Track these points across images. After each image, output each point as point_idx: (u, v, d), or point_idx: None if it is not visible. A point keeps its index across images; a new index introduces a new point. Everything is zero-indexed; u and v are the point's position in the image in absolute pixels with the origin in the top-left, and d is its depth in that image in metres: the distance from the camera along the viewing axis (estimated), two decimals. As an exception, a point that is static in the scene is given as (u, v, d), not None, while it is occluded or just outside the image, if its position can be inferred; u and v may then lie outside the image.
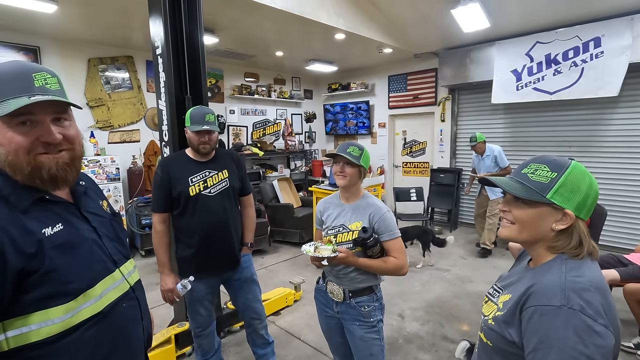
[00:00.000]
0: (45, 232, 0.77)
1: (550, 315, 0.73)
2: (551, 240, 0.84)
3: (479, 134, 4.52)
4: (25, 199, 0.77)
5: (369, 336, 1.55)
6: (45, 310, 0.75)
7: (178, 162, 1.93)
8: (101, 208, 0.98)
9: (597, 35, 4.09)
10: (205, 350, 2.13)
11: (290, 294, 3.35)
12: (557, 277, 0.78)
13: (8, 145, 0.75)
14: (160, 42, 2.44)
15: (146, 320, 1.00)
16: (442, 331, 2.86)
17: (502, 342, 0.84)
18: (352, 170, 1.55)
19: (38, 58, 4.30)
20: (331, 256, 1.42)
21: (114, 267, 0.91)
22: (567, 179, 0.81)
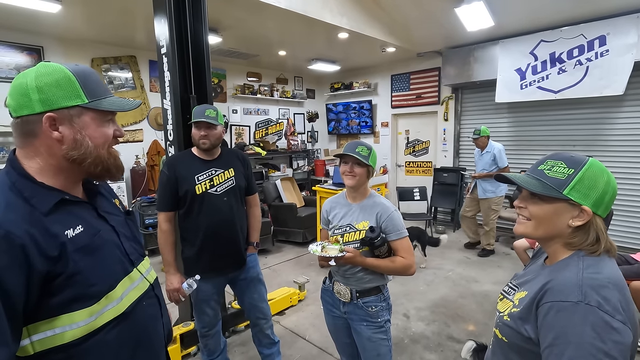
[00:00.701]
0: (67, 234, 0.77)
1: (567, 312, 0.73)
2: (568, 236, 0.83)
3: (484, 127, 4.45)
4: (46, 201, 0.76)
5: (376, 336, 1.54)
6: (69, 314, 0.75)
7: (184, 160, 1.92)
8: (116, 207, 0.98)
9: (602, 33, 4.06)
10: (211, 350, 2.13)
11: (294, 294, 3.35)
12: (575, 274, 0.78)
13: (99, 139, 0.82)
14: (165, 41, 2.43)
15: (165, 317, 1.01)
16: (447, 331, 2.85)
17: (517, 339, 0.84)
18: (361, 170, 1.54)
19: (42, 58, 4.30)
20: (338, 256, 1.42)
21: (132, 267, 0.91)
22: (584, 175, 0.80)
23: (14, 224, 0.69)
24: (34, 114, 0.75)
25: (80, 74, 0.79)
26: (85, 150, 0.80)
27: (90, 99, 0.79)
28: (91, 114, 0.80)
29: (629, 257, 2.84)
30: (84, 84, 0.79)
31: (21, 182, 0.76)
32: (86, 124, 0.80)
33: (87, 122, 0.80)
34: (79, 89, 0.78)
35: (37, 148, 0.78)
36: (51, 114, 0.75)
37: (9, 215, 0.70)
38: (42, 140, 0.77)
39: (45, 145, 0.78)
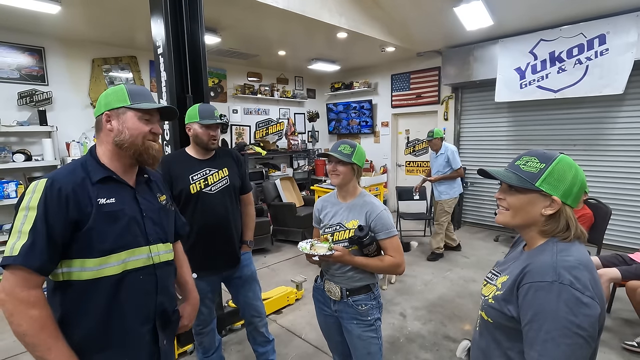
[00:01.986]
0: (99, 201, 1.04)
1: (544, 290, 0.82)
2: (542, 224, 0.93)
3: (437, 129, 4.43)
4: (98, 175, 1.07)
5: (366, 335, 1.54)
6: (82, 259, 1.02)
7: (178, 160, 1.94)
8: (156, 199, 1.23)
9: (602, 32, 4.04)
10: (206, 348, 2.14)
11: (291, 293, 3.36)
12: (550, 257, 0.87)
13: (134, 131, 1.11)
14: (162, 41, 2.45)
15: (162, 297, 1.18)
16: (444, 330, 2.85)
17: (501, 318, 0.93)
18: (344, 169, 1.55)
19: (43, 58, 4.34)
20: (327, 254, 1.42)
21: (145, 243, 1.13)
22: (554, 169, 0.90)
23: (67, 182, 1.01)
24: (101, 114, 1.12)
25: (130, 88, 1.14)
26: (124, 138, 1.10)
27: (132, 102, 1.11)
28: (131, 112, 1.12)
29: (626, 257, 2.83)
30: (130, 93, 1.12)
31: (89, 161, 1.11)
32: (127, 119, 1.11)
33: (128, 118, 1.11)
34: (126, 96, 1.12)
35: (101, 138, 1.13)
36: (107, 112, 1.11)
37: (67, 178, 1.03)
38: (104, 131, 1.12)
39: (104, 135, 1.12)
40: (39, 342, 0.92)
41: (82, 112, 4.68)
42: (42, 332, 0.93)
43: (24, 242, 0.93)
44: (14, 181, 4.00)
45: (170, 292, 1.24)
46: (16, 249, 0.92)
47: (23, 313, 0.91)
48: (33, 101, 4.24)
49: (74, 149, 4.30)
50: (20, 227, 0.95)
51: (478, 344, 1.05)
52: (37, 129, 4.15)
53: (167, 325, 1.20)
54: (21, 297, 0.92)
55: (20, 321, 0.91)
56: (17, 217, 0.97)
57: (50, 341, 0.94)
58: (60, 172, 1.05)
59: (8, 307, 0.92)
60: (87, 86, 4.73)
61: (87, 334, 1.04)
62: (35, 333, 0.92)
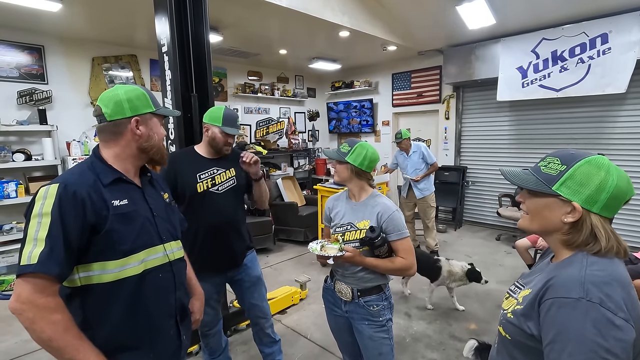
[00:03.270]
0: (114, 202, 1.04)
1: (569, 308, 0.73)
2: (564, 233, 0.84)
3: (404, 130, 4.43)
4: (108, 177, 1.07)
5: (378, 335, 1.53)
6: (102, 262, 1.01)
7: (186, 157, 1.92)
8: (160, 196, 1.25)
9: (604, 31, 4.05)
10: (213, 349, 2.12)
11: (296, 293, 3.34)
12: (577, 271, 0.77)
13: (160, 135, 1.18)
14: (166, 40, 2.43)
15: (181, 293, 1.21)
16: (449, 330, 2.85)
17: (520, 336, 0.84)
18: (340, 167, 1.59)
19: (42, 57, 4.30)
20: (337, 255, 1.41)
21: (159, 242, 1.14)
22: (575, 172, 0.80)
23: (81, 186, 1.00)
24: (125, 118, 1.10)
25: (149, 92, 1.17)
26: (153, 142, 1.16)
27: (156, 108, 1.16)
28: (156, 118, 1.17)
29: (631, 256, 2.83)
30: (152, 98, 1.16)
31: (96, 163, 1.09)
32: (154, 124, 1.16)
33: (155, 123, 1.17)
34: (149, 101, 1.15)
35: (119, 142, 1.11)
36: (137, 117, 1.11)
37: (80, 180, 1.01)
38: (126, 135, 1.11)
39: (126, 140, 1.11)
40: (65, 344, 0.92)
41: (82, 111, 4.64)
42: (67, 334, 0.93)
43: (41, 250, 0.91)
44: (13, 181, 3.96)
45: (185, 287, 1.28)
46: (34, 257, 0.90)
47: (45, 319, 0.90)
48: (33, 100, 4.19)
49: (75, 148, 4.26)
50: (35, 235, 0.93)
51: None
52: (37, 128, 4.11)
53: (184, 320, 1.23)
54: (41, 303, 0.90)
55: (43, 327, 0.90)
56: (30, 225, 0.95)
57: (77, 342, 0.94)
58: (70, 175, 1.03)
59: (28, 316, 0.90)
60: (87, 85, 4.69)
61: (112, 336, 1.04)
62: (61, 336, 0.91)
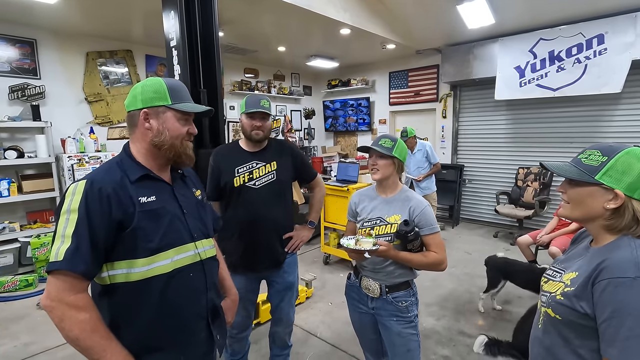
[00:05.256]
0: (141, 199, 1.01)
1: (625, 286, 0.78)
2: (606, 219, 0.90)
3: (410, 128, 4.44)
4: (135, 174, 1.04)
5: (407, 332, 1.53)
6: (130, 260, 0.98)
7: (229, 151, 1.91)
8: (192, 193, 1.21)
9: (600, 32, 4.14)
10: (236, 351, 2.07)
11: (302, 291, 3.32)
12: (629, 253, 0.83)
13: (174, 132, 1.07)
14: (176, 34, 2.37)
15: (212, 293, 1.17)
16: (458, 326, 2.87)
17: (573, 315, 0.89)
18: (384, 163, 1.54)
19: (35, 51, 4.16)
20: (372, 249, 1.40)
21: (190, 240, 1.10)
22: (617, 162, 0.87)
23: (107, 182, 0.98)
24: (136, 110, 1.06)
25: (170, 85, 1.08)
26: (164, 138, 1.06)
27: (173, 102, 1.07)
28: (171, 112, 1.07)
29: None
30: (171, 91, 1.07)
31: (125, 159, 1.07)
32: (167, 119, 1.07)
33: (168, 118, 1.07)
34: (166, 94, 1.06)
35: (136, 135, 1.08)
36: (146, 110, 1.05)
37: (106, 178, 0.99)
38: (139, 129, 1.07)
39: (140, 133, 1.07)
40: (92, 344, 0.90)
41: (76, 107, 4.52)
42: (95, 334, 0.91)
43: (68, 246, 0.90)
44: (6, 179, 3.83)
45: (218, 287, 1.25)
46: (60, 254, 0.89)
47: (73, 318, 0.89)
48: (25, 95, 4.05)
49: (70, 145, 4.13)
50: (63, 231, 0.92)
51: (541, 342, 1.02)
52: (29, 124, 3.98)
53: (216, 320, 1.19)
54: (69, 301, 0.89)
55: (71, 326, 0.89)
56: (60, 222, 0.94)
57: (104, 342, 0.92)
58: (97, 172, 1.02)
59: (57, 314, 0.89)
60: (82, 81, 4.56)
61: (140, 336, 1.01)
62: (88, 336, 0.90)
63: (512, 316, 2.94)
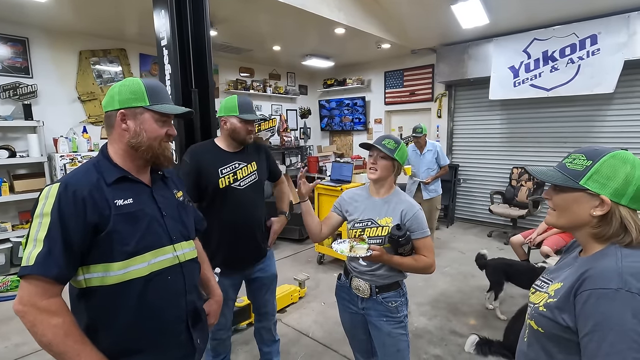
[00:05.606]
0: (117, 202, 1.00)
1: (607, 298, 0.74)
2: (593, 226, 0.85)
3: (423, 125, 4.18)
4: (112, 176, 1.02)
5: (396, 332, 1.53)
6: (106, 264, 0.97)
7: (208, 151, 1.86)
8: (173, 195, 1.19)
9: (593, 32, 4.16)
10: (218, 352, 2.07)
11: (295, 291, 3.31)
12: (613, 262, 0.79)
13: (151, 133, 1.06)
14: (166, 33, 2.36)
15: (192, 296, 1.15)
16: (449, 325, 2.88)
17: (555, 328, 0.85)
18: (384, 164, 1.53)
19: (27, 50, 4.12)
20: (367, 255, 1.40)
21: (169, 243, 1.09)
22: (602, 166, 0.83)
23: (82, 185, 0.97)
24: (114, 110, 1.05)
25: (148, 86, 1.07)
26: (141, 140, 1.05)
27: (151, 103, 1.06)
28: (149, 113, 1.06)
29: None
30: (149, 92, 1.06)
31: (102, 161, 1.05)
32: (145, 120, 1.06)
33: (146, 119, 1.06)
34: (144, 95, 1.05)
35: (114, 136, 1.07)
36: (123, 111, 1.04)
37: (81, 180, 0.98)
38: (116, 130, 1.06)
39: (117, 134, 1.06)
40: (66, 349, 0.90)
41: (69, 106, 4.48)
42: (68, 339, 0.90)
43: (39, 251, 0.89)
44: (-3, 179, 3.79)
45: (198, 290, 1.23)
46: (32, 258, 0.88)
47: (45, 322, 0.89)
48: (17, 94, 4.02)
49: (62, 145, 4.10)
50: (35, 235, 0.91)
51: (526, 355, 0.98)
52: (21, 123, 3.95)
53: (197, 323, 1.18)
54: (41, 306, 0.89)
55: (44, 331, 0.88)
56: (32, 225, 0.93)
57: (78, 347, 0.91)
58: (73, 175, 1.01)
59: (29, 318, 0.89)
60: (74, 80, 4.53)
61: (118, 339, 1.01)
62: (61, 340, 0.89)
63: (505, 316, 2.95)
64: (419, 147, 4.26)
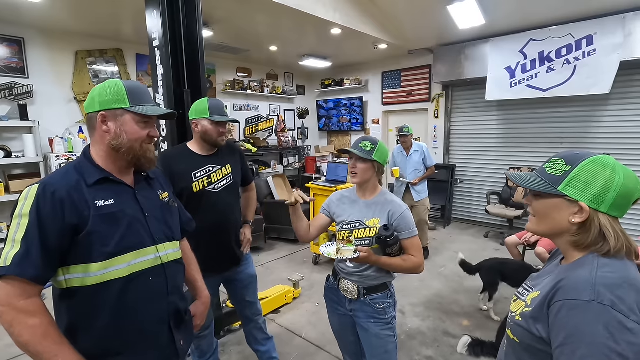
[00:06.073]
0: (97, 203, 1.00)
1: (579, 310, 0.72)
2: (573, 234, 0.83)
3: (409, 125, 4.17)
4: (93, 177, 1.03)
5: (384, 333, 1.53)
6: (85, 265, 0.98)
7: (180, 156, 1.85)
8: (157, 196, 1.19)
9: (589, 33, 4.15)
10: (204, 351, 2.07)
11: (289, 292, 3.31)
12: (588, 273, 0.76)
13: (132, 134, 1.06)
14: (158, 33, 2.35)
15: (174, 297, 1.15)
16: (443, 327, 2.88)
17: (529, 338, 0.83)
18: (363, 166, 1.53)
19: (23, 50, 4.12)
20: (354, 257, 1.40)
21: (151, 243, 1.09)
22: (580, 172, 0.80)
23: (61, 186, 0.97)
24: (94, 112, 1.05)
25: (129, 87, 1.07)
26: (122, 141, 1.05)
27: (132, 104, 1.06)
28: (130, 115, 1.06)
29: None
30: (130, 94, 1.06)
31: (83, 162, 1.06)
32: (125, 122, 1.06)
33: (127, 121, 1.06)
34: (125, 97, 1.05)
35: (95, 138, 1.07)
36: (103, 112, 1.04)
37: (61, 181, 0.98)
38: (98, 131, 1.06)
39: (99, 136, 1.06)
40: (43, 349, 0.90)
41: (65, 106, 4.48)
42: (45, 340, 0.91)
43: (16, 251, 0.90)
44: (-8, 179, 3.79)
45: (182, 291, 1.23)
46: (9, 259, 0.89)
47: (23, 323, 0.89)
48: (12, 95, 4.02)
49: (58, 145, 4.10)
50: (13, 236, 0.92)
51: None
52: (17, 123, 3.95)
53: (180, 325, 1.18)
54: (19, 307, 0.89)
55: (21, 332, 0.89)
56: (12, 226, 0.94)
57: (56, 347, 0.92)
58: (52, 176, 1.01)
59: (6, 319, 0.89)
60: (71, 80, 4.52)
61: (98, 340, 1.01)
62: (39, 341, 0.90)
63: (498, 317, 2.95)
64: (405, 148, 4.25)
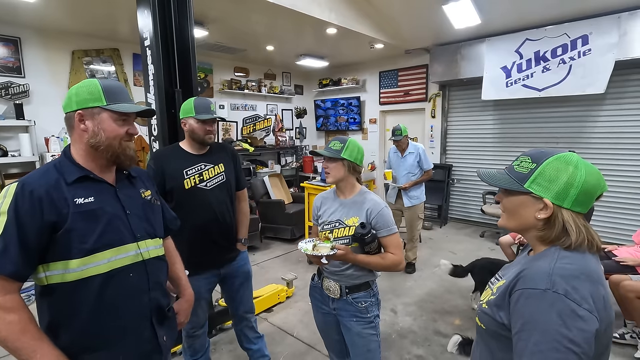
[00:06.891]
0: (77, 200, 1.02)
1: (535, 298, 0.76)
2: (539, 229, 0.86)
3: (403, 126, 3.87)
4: (73, 175, 1.04)
5: (366, 332, 1.54)
6: (64, 261, 0.99)
7: (172, 155, 1.88)
8: (139, 194, 1.21)
9: (585, 33, 4.14)
10: (196, 350, 2.08)
11: (282, 291, 3.33)
12: (547, 263, 0.80)
13: (110, 132, 1.07)
14: (149, 33, 2.37)
15: (156, 293, 1.17)
16: (434, 326, 2.88)
17: (493, 325, 0.87)
18: (334, 165, 1.54)
19: (19, 49, 4.14)
20: (330, 254, 1.40)
21: (132, 240, 1.11)
22: (545, 169, 0.83)
23: (40, 185, 0.98)
24: (72, 111, 1.06)
25: (106, 86, 1.08)
26: (100, 139, 1.06)
27: (108, 102, 1.07)
28: (107, 113, 1.07)
29: (609, 253, 2.92)
30: (106, 92, 1.07)
31: (63, 161, 1.08)
32: (103, 120, 1.07)
33: (104, 119, 1.07)
34: (101, 95, 1.06)
35: (74, 137, 1.09)
36: (80, 111, 1.05)
37: (39, 180, 1.00)
38: (76, 130, 1.07)
39: (77, 135, 1.08)
40: (21, 345, 0.91)
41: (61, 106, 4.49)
42: (24, 336, 0.92)
43: None
44: (-12, 178, 3.81)
45: (164, 287, 1.24)
46: None
47: (1, 319, 0.91)
48: (9, 94, 4.04)
49: (54, 144, 4.13)
50: None
51: (473, 354, 1.00)
52: (13, 123, 3.97)
53: (163, 321, 1.19)
54: None
55: None
56: None
57: (35, 343, 0.93)
58: (32, 175, 1.03)
59: None
60: (67, 79, 4.54)
61: (79, 336, 1.03)
62: (17, 337, 0.91)
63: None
64: (400, 149, 3.99)
